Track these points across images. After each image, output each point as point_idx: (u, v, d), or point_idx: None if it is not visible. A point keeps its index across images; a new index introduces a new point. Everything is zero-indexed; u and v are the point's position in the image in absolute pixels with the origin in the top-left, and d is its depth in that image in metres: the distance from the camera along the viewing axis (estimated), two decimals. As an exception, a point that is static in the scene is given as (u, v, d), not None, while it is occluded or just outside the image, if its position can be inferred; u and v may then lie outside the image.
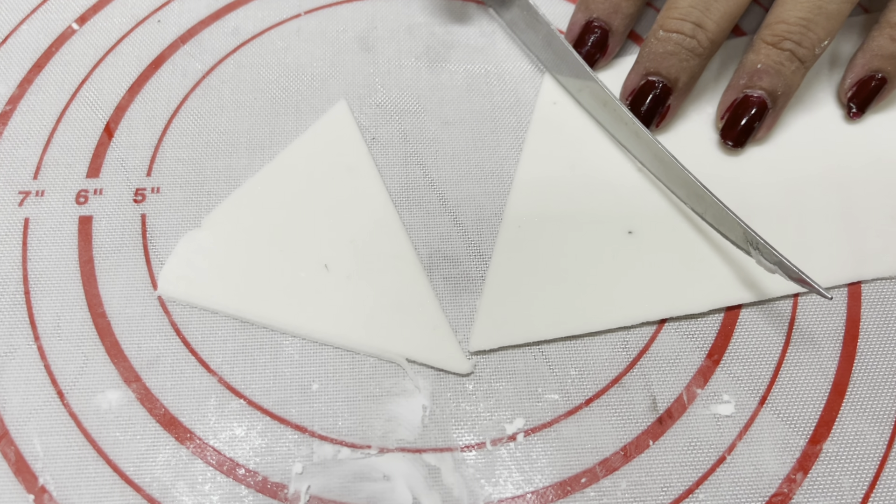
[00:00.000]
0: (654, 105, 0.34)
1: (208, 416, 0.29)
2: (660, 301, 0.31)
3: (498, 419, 0.29)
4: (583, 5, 0.36)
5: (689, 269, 0.32)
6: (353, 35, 0.39)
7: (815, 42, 0.33)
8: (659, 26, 0.33)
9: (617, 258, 0.32)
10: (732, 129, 0.34)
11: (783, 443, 0.29)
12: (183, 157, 0.35)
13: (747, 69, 0.33)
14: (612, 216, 0.33)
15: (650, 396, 0.30)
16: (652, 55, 0.33)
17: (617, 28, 0.36)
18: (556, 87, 0.37)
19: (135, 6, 0.39)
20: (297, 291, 0.31)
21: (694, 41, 0.33)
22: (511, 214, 0.33)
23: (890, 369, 0.31)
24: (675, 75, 0.33)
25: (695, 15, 0.33)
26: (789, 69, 0.33)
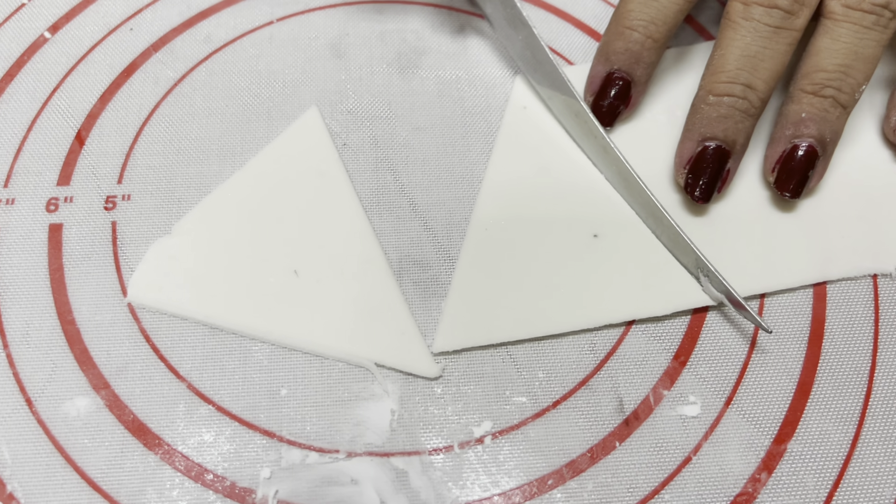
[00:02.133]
0: (717, 169, 0.33)
1: (177, 422, 0.29)
2: (624, 304, 0.32)
3: (466, 422, 0.30)
4: (602, 56, 0.35)
5: (653, 273, 0.32)
6: (325, 42, 0.39)
7: (854, 87, 0.32)
8: (707, 92, 0.33)
9: (582, 261, 0.32)
10: (788, 180, 0.33)
11: (748, 443, 0.29)
12: (154, 164, 0.35)
13: (791, 119, 0.33)
14: (579, 219, 0.33)
15: (617, 398, 0.30)
16: (706, 120, 0.32)
17: (639, 78, 0.35)
18: (527, 91, 0.37)
19: (107, 14, 0.39)
20: (266, 297, 0.31)
21: (746, 102, 0.32)
22: (478, 217, 0.33)
23: (854, 369, 0.31)
24: (732, 138, 0.32)
25: (743, 76, 0.32)
26: (834, 115, 0.32)
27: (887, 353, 0.31)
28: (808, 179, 0.33)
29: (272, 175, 0.34)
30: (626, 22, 0.34)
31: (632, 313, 0.31)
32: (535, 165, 0.35)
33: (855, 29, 0.32)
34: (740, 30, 0.32)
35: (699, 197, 0.33)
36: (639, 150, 0.35)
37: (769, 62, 0.32)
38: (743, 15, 0.32)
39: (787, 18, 0.32)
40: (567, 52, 0.39)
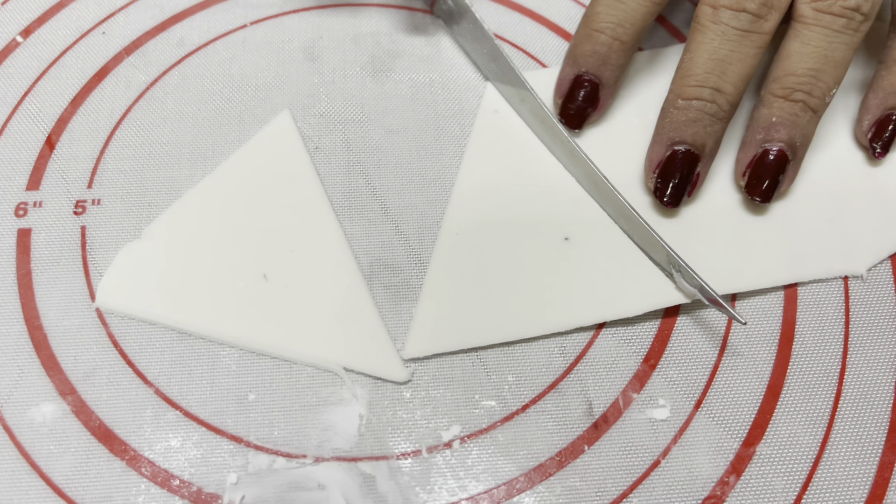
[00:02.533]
0: (685, 173, 0.33)
1: (144, 427, 0.29)
2: (596, 306, 0.32)
3: (434, 426, 0.29)
4: (570, 59, 0.35)
5: (624, 274, 0.32)
6: (298, 45, 0.39)
7: (825, 91, 0.32)
8: (676, 95, 0.32)
9: (553, 264, 0.32)
10: (757, 185, 0.33)
11: (717, 446, 0.29)
12: (125, 168, 0.35)
13: (762, 124, 0.33)
14: (549, 223, 0.33)
15: (586, 402, 0.30)
16: (674, 124, 0.32)
17: (608, 80, 0.35)
18: (498, 96, 0.37)
19: (80, 18, 0.39)
20: (235, 302, 0.31)
21: (715, 106, 0.32)
22: (449, 221, 0.33)
23: (824, 371, 0.31)
24: (701, 141, 0.32)
25: (712, 80, 0.32)
26: (804, 119, 0.32)
27: (857, 356, 0.31)
28: (778, 184, 0.33)
29: (243, 179, 0.34)
30: (594, 24, 0.34)
31: (603, 315, 0.31)
32: (507, 169, 0.35)
33: (825, 32, 0.32)
34: (709, 33, 0.32)
35: (668, 201, 0.33)
36: (611, 153, 0.35)
37: (738, 66, 0.32)
38: (711, 18, 0.32)
39: (755, 22, 0.32)
40: (541, 55, 0.39)
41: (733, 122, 0.35)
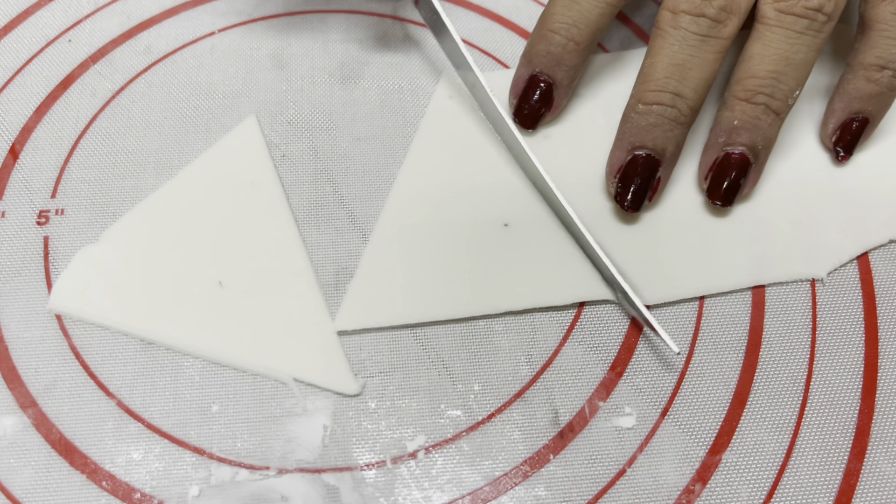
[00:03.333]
0: (646, 178, 0.33)
1: (105, 440, 0.29)
2: (527, 292, 0.32)
3: (399, 436, 0.29)
4: (526, 59, 0.35)
5: (558, 264, 0.33)
6: (266, 52, 0.39)
7: (787, 93, 0.32)
8: (637, 100, 0.32)
9: (490, 249, 0.33)
10: (718, 188, 0.33)
11: (683, 454, 0.29)
12: (89, 177, 0.34)
13: (724, 127, 0.33)
14: (492, 208, 0.34)
15: (552, 410, 0.30)
16: (635, 129, 0.32)
17: (561, 81, 0.35)
18: (448, 86, 0.38)
19: (46, 26, 0.39)
20: (189, 308, 0.31)
21: (675, 111, 0.32)
22: (393, 203, 0.34)
23: (790, 378, 0.31)
24: (661, 146, 0.32)
25: (672, 85, 0.32)
26: (766, 122, 0.32)
27: (824, 362, 0.31)
28: (740, 187, 0.33)
29: (204, 184, 0.34)
30: (549, 25, 0.34)
31: (534, 301, 0.32)
32: (455, 154, 0.35)
33: (787, 34, 0.32)
34: (669, 38, 0.32)
35: (629, 206, 0.33)
36: (576, 154, 0.35)
37: (697, 70, 0.32)
38: (671, 24, 0.32)
39: (714, 27, 0.32)
40: (505, 58, 0.39)
41: (698, 125, 0.35)
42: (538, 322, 0.32)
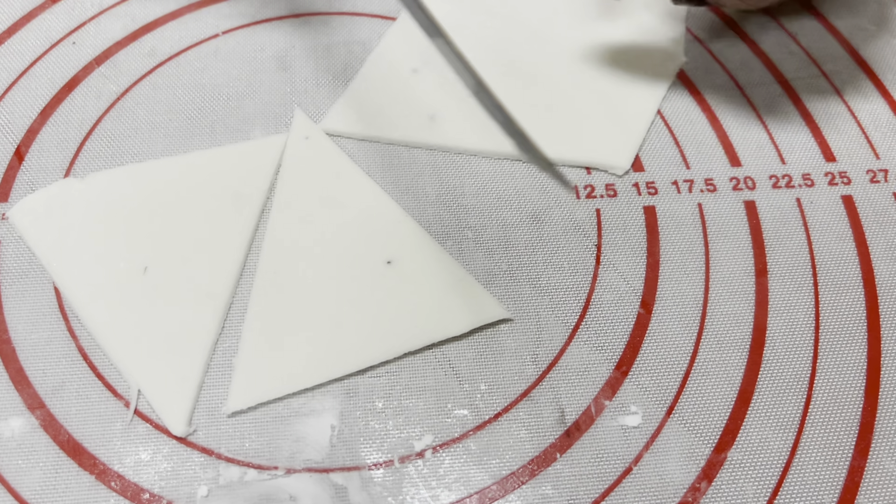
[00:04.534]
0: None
1: (113, 441, 0.29)
2: (422, 329, 0.31)
3: (407, 436, 0.29)
4: None
5: (449, 293, 0.32)
6: (270, 54, 0.39)
7: None
8: None
9: (377, 290, 0.32)
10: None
11: (689, 452, 0.29)
12: (94, 179, 0.34)
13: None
14: (371, 247, 0.33)
15: (559, 409, 0.30)
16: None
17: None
18: (307, 121, 0.37)
19: (50, 29, 0.39)
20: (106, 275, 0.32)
21: None
22: (265, 260, 0.33)
23: (794, 376, 0.31)
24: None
25: None
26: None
27: (827, 360, 0.32)
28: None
29: (200, 172, 0.34)
30: None
31: (431, 337, 0.31)
32: (321, 197, 0.34)
33: None
34: None
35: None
36: None
37: None
38: None
39: None
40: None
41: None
42: (544, 322, 0.32)
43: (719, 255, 0.34)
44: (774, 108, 0.38)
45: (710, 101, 0.38)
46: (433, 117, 0.36)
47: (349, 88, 0.37)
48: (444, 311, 0.32)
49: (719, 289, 0.33)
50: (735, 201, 0.35)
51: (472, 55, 0.35)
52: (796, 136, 0.38)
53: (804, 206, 0.36)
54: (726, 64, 0.40)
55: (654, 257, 0.34)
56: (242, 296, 0.32)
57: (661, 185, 0.35)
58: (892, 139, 0.38)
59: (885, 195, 0.36)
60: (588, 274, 0.33)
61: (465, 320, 0.31)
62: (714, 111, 0.38)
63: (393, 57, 0.38)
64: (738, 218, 0.35)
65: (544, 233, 0.34)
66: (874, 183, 0.36)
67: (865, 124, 0.38)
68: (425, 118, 0.36)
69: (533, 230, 0.34)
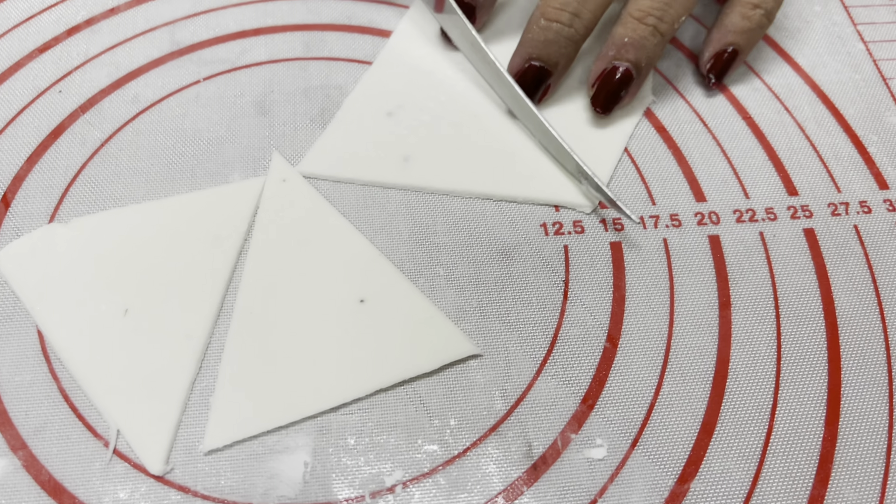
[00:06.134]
0: (536, 85, 0.38)
1: (93, 480, 0.30)
2: (393, 366, 0.32)
3: (378, 472, 0.30)
4: None
5: (420, 331, 0.33)
6: (250, 99, 0.40)
7: (674, 18, 0.37)
8: (540, 14, 0.37)
9: (350, 329, 0.33)
10: (601, 97, 0.38)
11: (653, 484, 0.30)
12: (78, 224, 0.36)
13: (616, 42, 0.37)
14: (344, 287, 0.34)
15: (526, 443, 0.31)
16: (534, 42, 0.37)
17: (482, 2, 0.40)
18: (284, 165, 0.38)
19: (37, 77, 0.40)
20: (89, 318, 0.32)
21: (572, 30, 0.37)
22: (242, 301, 0.33)
23: (756, 407, 0.32)
24: (554, 60, 0.37)
25: (573, 5, 0.37)
26: (652, 42, 0.37)
27: (788, 392, 0.32)
28: (620, 99, 0.38)
29: (180, 217, 0.35)
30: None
31: (402, 374, 0.32)
32: (297, 238, 0.35)
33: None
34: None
35: None
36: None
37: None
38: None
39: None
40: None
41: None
42: (512, 356, 0.33)
43: (684, 288, 0.35)
44: (738, 143, 0.40)
45: (675, 137, 0.39)
46: (407, 158, 0.38)
47: (326, 132, 0.39)
48: (415, 348, 0.32)
49: (684, 322, 0.34)
50: (700, 236, 0.36)
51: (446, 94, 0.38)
52: (760, 171, 0.39)
53: (767, 239, 0.37)
54: (691, 100, 0.41)
55: (621, 292, 0.35)
56: (220, 336, 0.33)
57: (628, 221, 0.36)
58: (852, 172, 0.39)
59: (846, 228, 0.37)
60: (556, 309, 0.34)
61: (436, 357, 0.32)
62: (679, 147, 0.39)
63: (368, 101, 0.40)
64: (702, 252, 0.36)
65: (514, 269, 0.35)
66: (835, 216, 0.37)
67: (827, 158, 0.39)
68: (399, 159, 0.37)
69: (503, 266, 0.35)
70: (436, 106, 0.40)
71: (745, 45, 0.39)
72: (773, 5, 0.39)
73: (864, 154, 0.39)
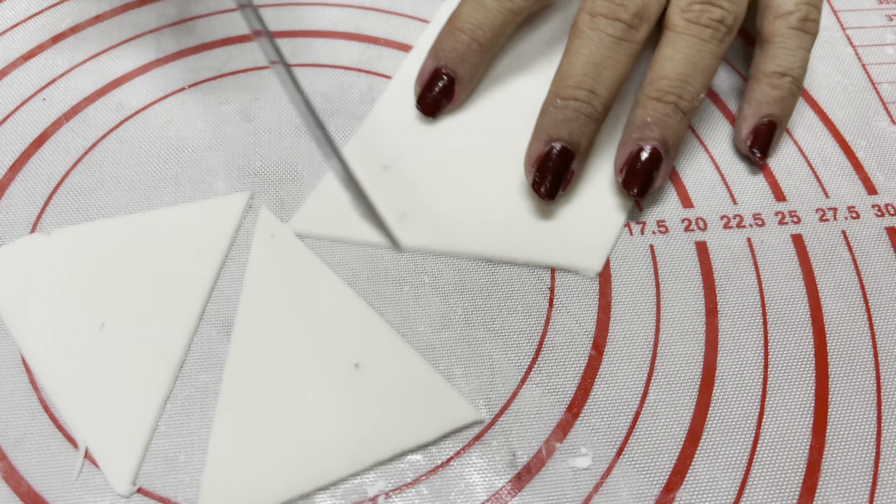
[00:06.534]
0: (562, 170, 0.35)
1: (72, 491, 0.29)
2: (393, 436, 0.31)
3: (360, 482, 0.30)
4: (433, 53, 0.38)
5: (418, 398, 0.32)
6: (235, 106, 0.40)
7: (694, 94, 0.35)
8: (555, 95, 0.35)
9: (345, 396, 0.31)
10: (633, 180, 0.35)
11: (638, 493, 0.30)
12: (60, 233, 0.35)
13: (638, 123, 0.35)
14: (337, 350, 0.32)
15: (510, 452, 0.31)
16: (553, 123, 0.35)
17: (463, 77, 0.38)
18: (272, 218, 0.36)
19: (21, 86, 0.40)
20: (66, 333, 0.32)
21: (590, 107, 0.35)
22: (231, 367, 0.32)
23: (743, 415, 0.32)
24: (576, 140, 0.35)
25: (588, 83, 0.35)
26: (675, 120, 0.35)
27: (775, 399, 0.32)
28: (652, 179, 0.35)
29: (159, 233, 0.35)
30: (457, 23, 0.38)
31: (401, 445, 0.30)
32: (287, 298, 0.34)
33: (694, 41, 0.35)
34: (586, 39, 0.35)
35: (545, 194, 0.35)
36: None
37: (612, 71, 0.35)
38: (589, 25, 0.35)
39: (628, 31, 0.35)
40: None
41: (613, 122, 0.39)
42: (497, 364, 0.33)
43: (670, 295, 0.35)
44: (726, 148, 0.39)
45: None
46: (403, 216, 0.36)
47: (318, 187, 0.37)
48: (414, 416, 0.31)
49: (670, 329, 0.34)
50: (687, 242, 0.36)
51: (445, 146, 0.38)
52: (747, 177, 0.38)
53: (755, 245, 0.36)
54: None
55: (606, 298, 0.34)
56: (196, 352, 0.33)
57: (614, 228, 0.36)
58: (840, 178, 0.39)
59: (833, 233, 0.37)
60: (541, 316, 0.34)
61: (436, 425, 0.31)
62: (667, 153, 0.39)
63: (364, 153, 0.38)
64: (689, 258, 0.36)
65: (499, 276, 0.35)
66: (823, 221, 0.37)
67: (815, 163, 0.39)
68: (395, 217, 0.36)
69: (488, 274, 0.35)
70: (434, 159, 0.38)
71: (781, 115, 0.37)
72: (800, 72, 0.37)
73: (853, 159, 0.39)
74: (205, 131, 0.39)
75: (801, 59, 0.37)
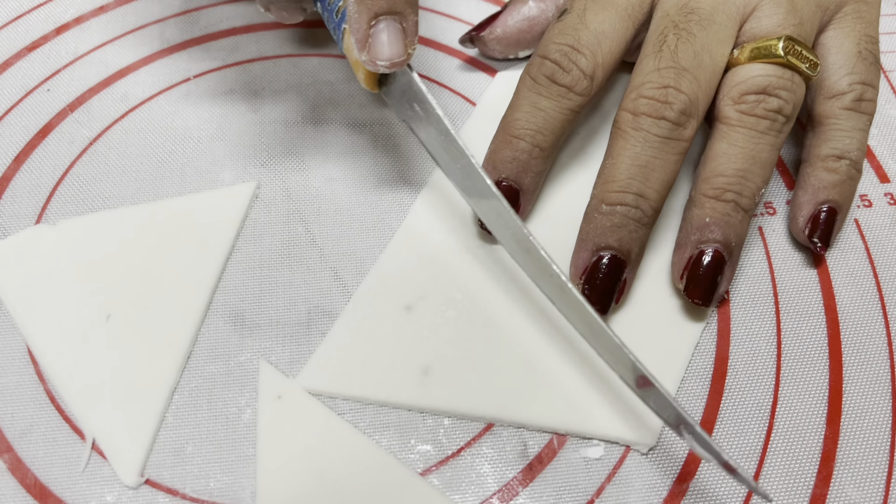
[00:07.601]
0: (612, 281, 0.32)
1: (79, 483, 0.29)
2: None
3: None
4: (490, 165, 0.34)
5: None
6: (240, 96, 0.40)
7: (754, 191, 0.32)
8: (600, 200, 0.32)
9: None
10: (696, 286, 0.32)
11: (650, 483, 0.30)
12: (66, 224, 0.35)
13: (696, 224, 0.32)
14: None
15: (521, 443, 0.30)
16: (599, 230, 0.32)
17: (528, 187, 0.34)
18: (277, 378, 0.31)
19: (25, 76, 0.40)
20: (70, 323, 0.32)
21: (639, 211, 0.31)
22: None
23: (756, 405, 0.31)
24: (627, 247, 0.32)
25: (635, 186, 0.31)
26: (736, 219, 0.32)
27: (789, 389, 0.32)
28: (717, 285, 0.32)
29: (167, 221, 0.35)
30: (513, 131, 0.33)
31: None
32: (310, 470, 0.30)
33: (751, 134, 0.32)
34: (630, 139, 0.32)
35: (596, 309, 0.29)
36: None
37: (660, 172, 0.32)
38: (633, 125, 0.32)
39: (675, 129, 0.32)
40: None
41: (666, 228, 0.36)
42: (507, 355, 0.32)
43: (681, 285, 0.34)
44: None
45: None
46: (427, 370, 0.31)
47: (330, 335, 0.32)
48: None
49: (681, 319, 0.33)
50: (697, 231, 0.36)
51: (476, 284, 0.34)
52: (758, 165, 0.38)
53: (766, 234, 0.36)
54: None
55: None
56: (203, 343, 0.32)
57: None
58: (852, 166, 0.38)
59: (846, 222, 0.36)
60: (551, 307, 0.34)
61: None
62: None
63: (384, 290, 0.33)
64: (700, 247, 0.35)
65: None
66: (835, 210, 0.37)
67: (826, 152, 0.38)
68: (418, 372, 0.31)
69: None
70: (463, 298, 0.33)
71: (841, 201, 0.34)
72: (858, 154, 0.34)
73: (865, 147, 0.39)
74: (210, 122, 0.39)
75: (859, 140, 0.35)
